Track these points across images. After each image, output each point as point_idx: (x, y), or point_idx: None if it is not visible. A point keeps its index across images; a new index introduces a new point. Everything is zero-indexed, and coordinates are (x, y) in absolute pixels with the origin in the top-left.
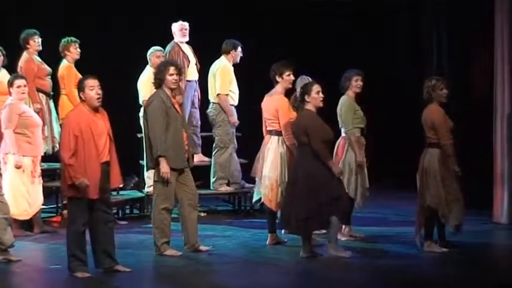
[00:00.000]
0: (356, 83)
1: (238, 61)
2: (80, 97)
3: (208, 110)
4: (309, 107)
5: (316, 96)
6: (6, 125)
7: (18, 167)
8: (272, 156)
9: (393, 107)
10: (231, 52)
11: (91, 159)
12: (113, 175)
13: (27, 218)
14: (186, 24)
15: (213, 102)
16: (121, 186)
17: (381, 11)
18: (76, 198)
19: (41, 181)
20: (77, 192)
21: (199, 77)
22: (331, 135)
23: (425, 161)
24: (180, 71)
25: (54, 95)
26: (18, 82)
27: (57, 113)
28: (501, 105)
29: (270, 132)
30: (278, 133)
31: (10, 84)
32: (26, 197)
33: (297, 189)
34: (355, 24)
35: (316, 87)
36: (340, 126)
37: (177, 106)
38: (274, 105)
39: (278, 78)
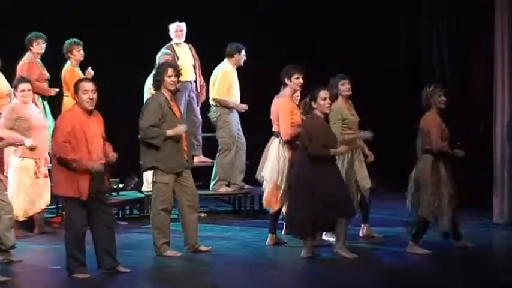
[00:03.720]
0: (344, 87)
1: (242, 64)
2: (75, 99)
3: (210, 114)
4: (317, 113)
5: (322, 102)
6: (1, 124)
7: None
8: (273, 157)
9: (393, 107)
10: (235, 55)
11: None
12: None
13: (27, 217)
14: (182, 25)
15: (214, 105)
16: (121, 186)
17: (381, 11)
18: (72, 198)
19: (48, 182)
20: (73, 191)
21: (204, 79)
22: (335, 142)
23: (418, 170)
24: (179, 73)
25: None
26: (22, 86)
27: (54, 115)
28: (501, 104)
29: (274, 134)
30: (278, 134)
31: (14, 87)
32: (27, 198)
33: (299, 194)
34: (355, 24)
35: (322, 94)
36: None
37: (175, 108)
38: (276, 108)
39: (287, 81)
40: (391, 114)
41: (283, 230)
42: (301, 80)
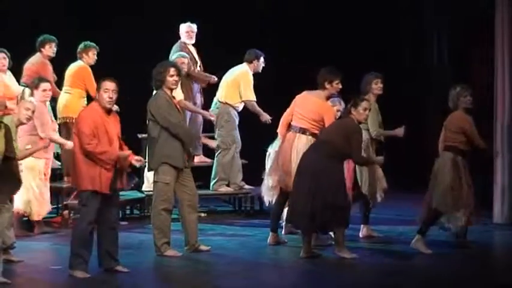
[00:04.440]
0: (376, 86)
1: (260, 71)
2: (95, 96)
3: (212, 110)
4: (353, 118)
5: (362, 112)
6: (43, 129)
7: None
8: (302, 153)
9: (394, 108)
10: (254, 62)
11: None
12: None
13: (40, 218)
14: (194, 27)
15: (220, 102)
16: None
17: (382, 11)
18: (91, 192)
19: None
20: (96, 184)
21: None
22: None
23: (438, 164)
24: (180, 72)
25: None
26: (44, 86)
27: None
28: (501, 104)
29: (296, 129)
30: (305, 131)
31: (35, 86)
32: (39, 198)
33: (302, 187)
34: (355, 25)
35: (365, 104)
36: None
37: (178, 107)
38: (320, 111)
39: (327, 85)
40: (391, 114)
41: (283, 229)
42: (340, 85)
